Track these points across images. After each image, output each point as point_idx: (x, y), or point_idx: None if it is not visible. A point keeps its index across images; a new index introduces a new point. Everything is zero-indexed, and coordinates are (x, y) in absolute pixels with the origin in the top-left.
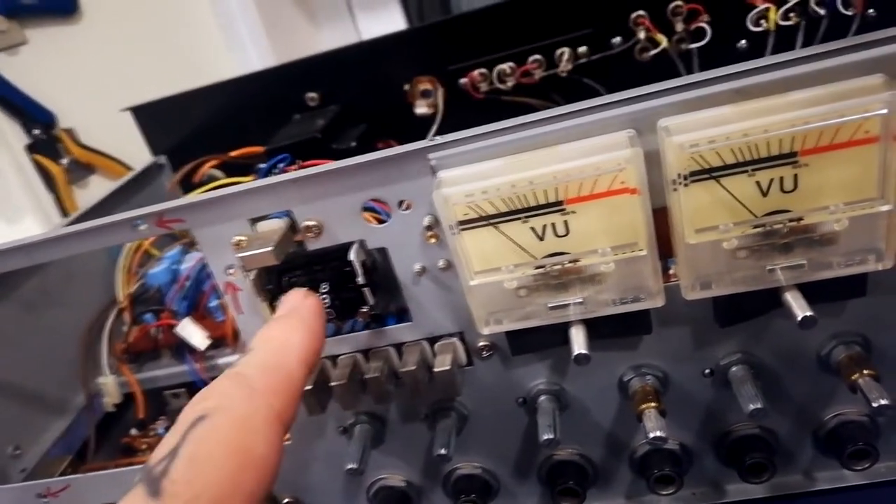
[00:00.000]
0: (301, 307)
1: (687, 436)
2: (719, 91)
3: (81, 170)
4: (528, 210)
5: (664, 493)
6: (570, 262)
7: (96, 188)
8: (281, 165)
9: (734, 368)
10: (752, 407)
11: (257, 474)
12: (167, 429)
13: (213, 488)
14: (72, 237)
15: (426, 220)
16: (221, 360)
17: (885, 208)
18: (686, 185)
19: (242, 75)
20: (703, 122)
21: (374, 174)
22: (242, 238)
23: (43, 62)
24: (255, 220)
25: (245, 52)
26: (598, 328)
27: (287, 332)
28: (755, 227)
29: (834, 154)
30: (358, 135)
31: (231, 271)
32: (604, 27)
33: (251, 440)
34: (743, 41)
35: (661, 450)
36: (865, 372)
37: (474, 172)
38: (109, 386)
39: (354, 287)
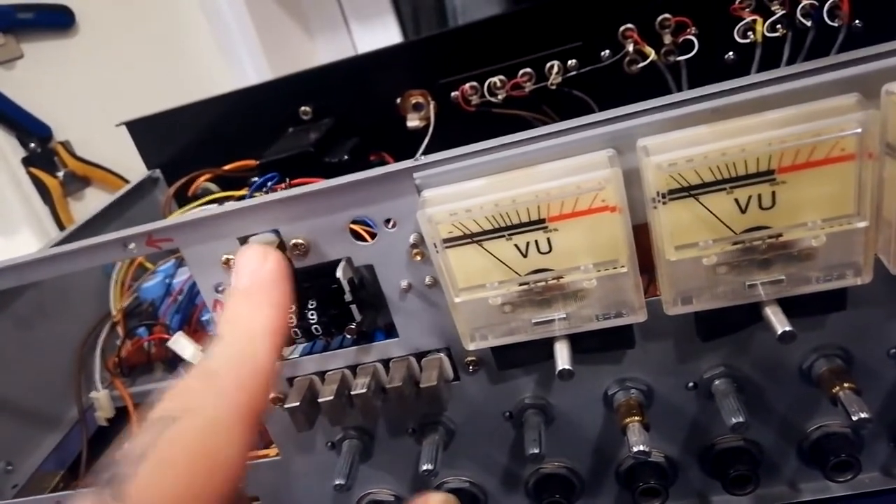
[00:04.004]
0: (261, 275)
1: (672, 448)
2: (697, 111)
3: (77, 182)
4: (511, 228)
5: None
6: (553, 278)
7: (92, 200)
8: (269, 184)
9: (717, 382)
10: (734, 420)
11: (223, 477)
12: None
13: (176, 496)
14: (62, 257)
15: (412, 238)
16: None
17: (861, 224)
18: (665, 202)
19: (235, 90)
20: (682, 141)
21: (360, 193)
22: (231, 256)
23: (39, 76)
24: (243, 239)
25: (241, 66)
26: (583, 343)
27: (251, 313)
28: (734, 243)
29: (811, 172)
30: (351, 147)
31: (220, 289)
32: (593, 40)
33: (217, 444)
34: (731, 53)
35: (646, 462)
36: (846, 385)
37: (458, 191)
38: (102, 400)
39: (342, 304)
